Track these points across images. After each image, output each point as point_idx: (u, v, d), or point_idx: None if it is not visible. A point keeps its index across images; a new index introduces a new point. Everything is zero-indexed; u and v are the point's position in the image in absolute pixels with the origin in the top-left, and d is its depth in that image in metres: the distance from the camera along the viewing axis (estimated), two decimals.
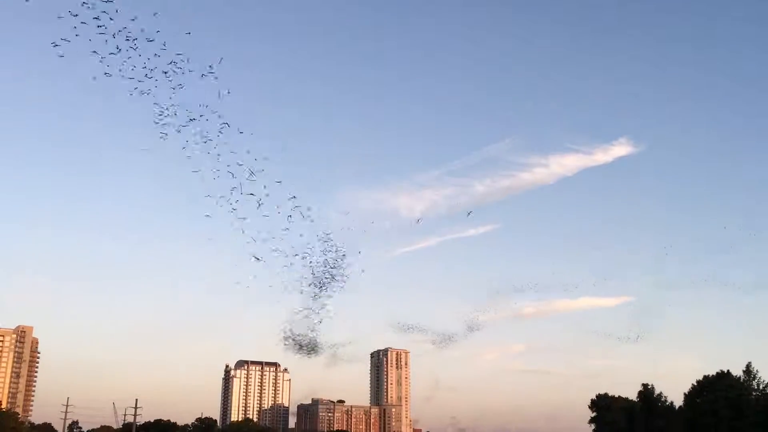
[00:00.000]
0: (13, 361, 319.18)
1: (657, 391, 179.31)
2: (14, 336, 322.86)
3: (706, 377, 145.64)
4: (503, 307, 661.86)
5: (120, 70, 36.45)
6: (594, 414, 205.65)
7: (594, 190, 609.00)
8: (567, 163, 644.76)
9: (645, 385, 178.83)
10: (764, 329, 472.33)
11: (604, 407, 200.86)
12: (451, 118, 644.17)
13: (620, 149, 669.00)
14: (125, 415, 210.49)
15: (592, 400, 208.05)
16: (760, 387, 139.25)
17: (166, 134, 37.15)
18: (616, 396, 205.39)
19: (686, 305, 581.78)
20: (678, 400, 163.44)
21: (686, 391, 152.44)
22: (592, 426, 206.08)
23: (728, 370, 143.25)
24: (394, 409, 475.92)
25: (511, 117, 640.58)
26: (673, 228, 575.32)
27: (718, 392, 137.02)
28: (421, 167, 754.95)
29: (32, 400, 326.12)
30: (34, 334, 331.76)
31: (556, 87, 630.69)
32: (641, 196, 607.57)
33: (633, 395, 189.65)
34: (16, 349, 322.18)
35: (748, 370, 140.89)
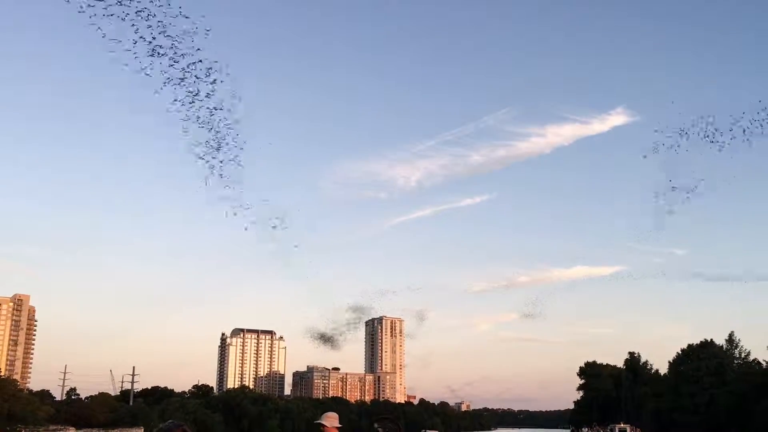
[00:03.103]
0: (11, 329, 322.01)
1: (643, 359, 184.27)
2: (11, 304, 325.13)
3: (690, 345, 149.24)
4: (498, 276, 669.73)
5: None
6: (582, 381, 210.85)
7: (590, 160, 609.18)
8: (563, 133, 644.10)
9: (631, 353, 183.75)
10: (752, 304, 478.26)
11: (593, 374, 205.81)
12: (448, 87, 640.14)
13: (617, 118, 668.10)
14: (122, 382, 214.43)
15: (580, 367, 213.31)
16: (742, 355, 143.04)
17: (173, 106, 34.28)
18: (604, 363, 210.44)
19: (679, 275, 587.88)
20: (664, 368, 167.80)
21: (671, 359, 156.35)
22: (581, 392, 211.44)
23: (711, 339, 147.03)
24: (388, 377, 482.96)
25: (508, 87, 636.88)
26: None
27: (701, 360, 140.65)
28: (418, 137, 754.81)
29: (30, 368, 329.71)
30: (31, 302, 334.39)
31: (552, 56, 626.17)
32: (638, 165, 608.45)
33: (622, 363, 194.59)
34: (14, 317, 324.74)
35: (730, 339, 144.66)
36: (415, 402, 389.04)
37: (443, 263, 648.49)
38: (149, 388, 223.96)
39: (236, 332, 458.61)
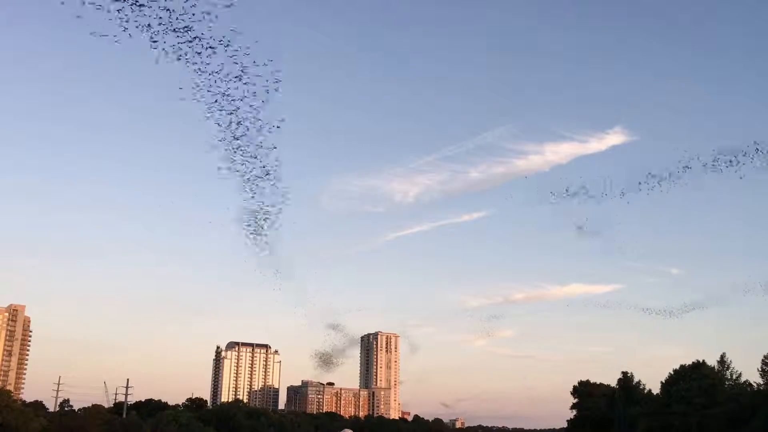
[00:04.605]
0: (5, 340, 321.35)
1: (636, 379, 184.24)
2: (6, 314, 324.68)
3: (682, 366, 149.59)
4: (494, 292, 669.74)
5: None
6: (576, 400, 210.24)
7: (588, 178, 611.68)
8: (561, 151, 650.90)
9: (624, 373, 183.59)
10: (747, 321, 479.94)
11: (586, 393, 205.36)
12: (448, 104, 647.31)
13: (615, 138, 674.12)
14: (116, 394, 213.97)
15: (574, 386, 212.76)
16: (733, 377, 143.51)
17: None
18: (598, 383, 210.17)
19: (674, 294, 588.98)
20: (657, 388, 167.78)
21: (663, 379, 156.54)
22: (574, 411, 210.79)
23: (703, 360, 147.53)
24: (383, 392, 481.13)
25: (508, 104, 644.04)
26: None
27: (692, 381, 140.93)
28: (416, 153, 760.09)
29: (24, 379, 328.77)
30: (27, 313, 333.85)
31: (552, 75, 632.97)
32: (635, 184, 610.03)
33: (615, 382, 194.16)
34: (8, 328, 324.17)
35: (722, 361, 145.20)
36: (410, 418, 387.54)
37: (440, 279, 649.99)
38: (143, 400, 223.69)
39: (231, 345, 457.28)
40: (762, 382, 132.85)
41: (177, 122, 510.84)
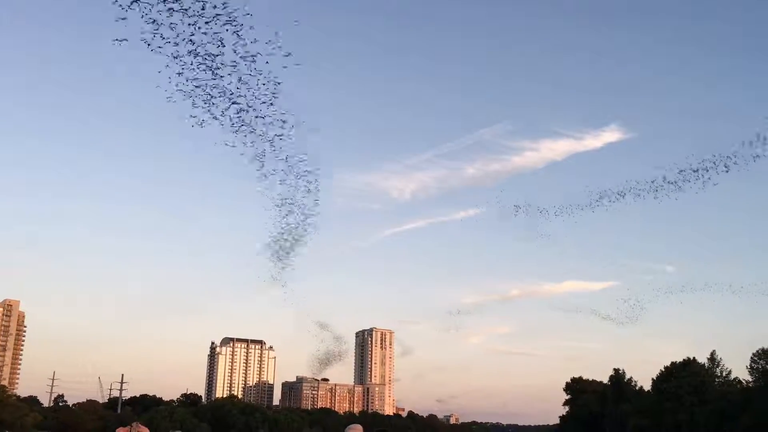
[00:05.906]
0: (0, 335, 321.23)
1: (628, 376, 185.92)
2: (0, 310, 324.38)
3: (673, 363, 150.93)
4: (490, 289, 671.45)
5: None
6: (568, 396, 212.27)
7: (583, 175, 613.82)
8: (557, 148, 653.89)
9: (616, 370, 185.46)
10: (739, 319, 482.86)
11: (578, 390, 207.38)
12: (444, 101, 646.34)
13: (610, 135, 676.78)
14: (111, 389, 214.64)
15: (566, 383, 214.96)
16: (723, 374, 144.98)
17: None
18: (590, 380, 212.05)
19: (670, 293, 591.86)
20: (649, 385, 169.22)
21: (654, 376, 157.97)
22: (566, 408, 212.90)
23: (693, 357, 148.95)
24: (377, 389, 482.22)
25: (504, 101, 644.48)
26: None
27: (682, 378, 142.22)
28: (412, 149, 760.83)
29: (18, 374, 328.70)
30: (21, 308, 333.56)
31: (548, 72, 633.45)
32: (630, 182, 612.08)
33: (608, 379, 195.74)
34: (3, 323, 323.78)
35: (712, 358, 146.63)
36: (404, 414, 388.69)
37: (436, 275, 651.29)
38: (137, 396, 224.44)
39: (226, 341, 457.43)
40: (751, 380, 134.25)
41: (177, 120, 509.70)
